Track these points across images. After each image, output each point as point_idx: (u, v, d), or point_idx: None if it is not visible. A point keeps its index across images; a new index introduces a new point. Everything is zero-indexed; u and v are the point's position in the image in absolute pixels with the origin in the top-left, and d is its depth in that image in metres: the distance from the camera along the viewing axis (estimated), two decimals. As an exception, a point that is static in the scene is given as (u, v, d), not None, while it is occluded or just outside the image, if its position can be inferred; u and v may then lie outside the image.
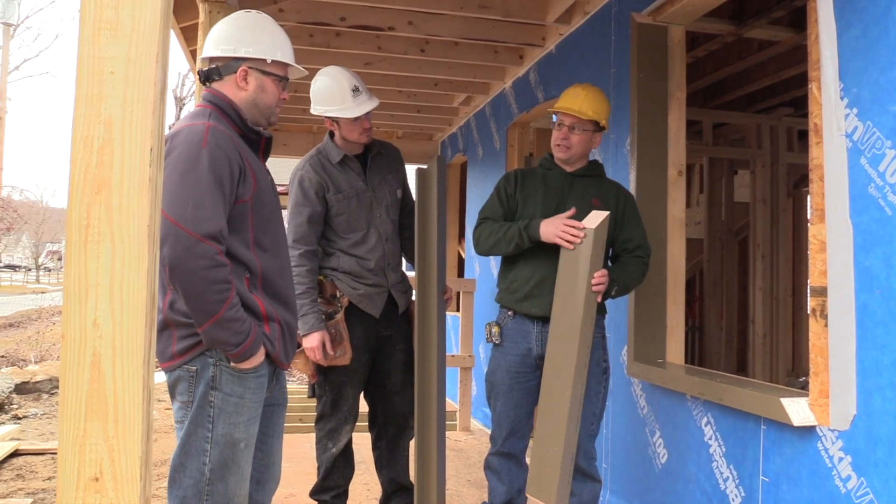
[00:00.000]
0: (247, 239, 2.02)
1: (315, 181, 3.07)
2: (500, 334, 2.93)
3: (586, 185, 2.95)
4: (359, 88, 3.09)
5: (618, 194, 2.96)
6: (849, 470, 2.17)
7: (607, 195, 2.93)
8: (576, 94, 2.91)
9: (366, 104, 3.08)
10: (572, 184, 2.94)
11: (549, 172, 2.99)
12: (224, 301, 1.87)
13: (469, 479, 4.29)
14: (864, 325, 2.14)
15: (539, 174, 3.01)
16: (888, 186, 2.07)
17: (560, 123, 2.91)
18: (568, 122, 2.88)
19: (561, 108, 2.88)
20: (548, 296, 2.78)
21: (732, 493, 2.71)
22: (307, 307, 2.98)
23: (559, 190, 2.93)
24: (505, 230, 2.87)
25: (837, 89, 2.24)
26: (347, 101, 3.06)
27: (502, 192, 3.01)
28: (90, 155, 1.32)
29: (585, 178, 2.96)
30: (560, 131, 2.91)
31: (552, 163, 3.00)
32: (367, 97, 3.11)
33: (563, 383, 2.65)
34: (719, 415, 2.81)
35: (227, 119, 2.07)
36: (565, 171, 2.96)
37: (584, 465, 2.84)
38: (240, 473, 1.98)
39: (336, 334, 3.04)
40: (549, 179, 2.98)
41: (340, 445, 3.15)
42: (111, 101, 1.33)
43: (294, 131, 7.47)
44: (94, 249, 1.31)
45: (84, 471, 1.29)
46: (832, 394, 2.23)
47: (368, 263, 3.12)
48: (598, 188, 2.95)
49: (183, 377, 1.96)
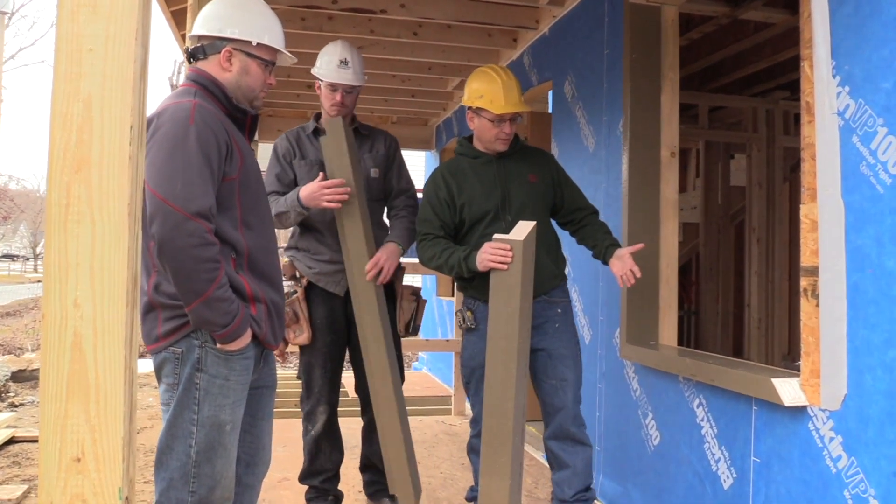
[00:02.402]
0: (234, 218, 2.00)
1: (284, 146, 3.25)
2: (475, 318, 2.91)
3: (517, 164, 2.96)
4: (348, 63, 3.14)
5: (547, 162, 3.04)
6: (839, 450, 2.17)
7: (539, 166, 2.99)
8: (509, 87, 2.85)
9: (340, 76, 3.13)
10: (504, 167, 2.94)
11: (476, 162, 2.95)
12: (213, 280, 1.86)
13: (463, 462, 4.30)
14: (855, 305, 2.13)
15: (466, 165, 2.96)
16: (880, 164, 2.05)
17: (501, 119, 2.85)
18: (509, 117, 2.86)
19: (513, 110, 2.83)
20: None
21: (724, 473, 2.71)
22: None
23: (494, 177, 2.92)
24: (446, 258, 2.83)
25: (829, 67, 2.22)
26: (330, 68, 3.14)
27: (434, 203, 2.91)
28: (69, 133, 1.31)
29: (511, 157, 2.97)
30: (502, 127, 2.87)
31: (474, 149, 2.97)
32: (350, 74, 3.14)
33: (504, 395, 2.56)
34: (711, 396, 2.80)
35: (212, 97, 2.05)
36: (492, 157, 2.94)
37: (575, 431, 2.85)
38: (226, 456, 1.98)
39: (291, 314, 3.08)
40: (479, 170, 2.94)
41: (318, 427, 3.18)
42: (90, 79, 1.32)
43: (288, 117, 7.42)
44: (74, 229, 1.30)
45: (66, 452, 1.28)
46: (823, 374, 2.23)
47: (326, 239, 3.13)
48: (529, 162, 2.98)
49: (168, 359, 1.95)
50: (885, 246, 2.03)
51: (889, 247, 2.02)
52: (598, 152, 3.82)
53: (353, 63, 3.15)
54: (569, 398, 2.85)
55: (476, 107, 2.89)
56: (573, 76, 4.17)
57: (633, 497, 3.32)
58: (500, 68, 2.93)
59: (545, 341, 2.88)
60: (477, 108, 2.89)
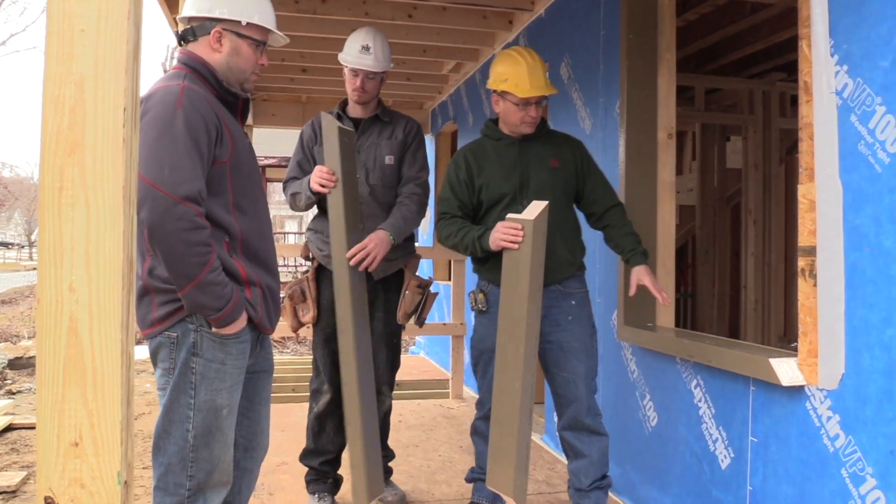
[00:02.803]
0: (226, 202, 1.99)
1: (308, 133, 3.28)
2: (486, 301, 2.92)
3: (541, 148, 2.92)
4: (369, 49, 3.16)
5: (572, 148, 2.97)
6: (837, 429, 2.18)
7: (563, 152, 2.94)
8: (534, 69, 2.81)
9: (359, 61, 3.15)
10: (527, 151, 2.91)
11: (499, 144, 2.94)
12: (204, 264, 1.85)
13: (461, 445, 4.31)
14: (853, 284, 2.13)
15: (489, 147, 2.95)
16: (878, 143, 2.04)
17: (527, 103, 2.82)
18: (535, 100, 2.83)
19: (538, 93, 2.80)
20: None
21: (721, 454, 2.72)
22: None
23: (515, 160, 2.89)
24: (462, 237, 2.86)
25: (827, 46, 2.21)
26: (352, 52, 3.17)
27: (454, 183, 2.93)
28: (62, 116, 1.29)
29: (536, 141, 2.93)
30: (527, 111, 2.83)
31: (498, 131, 2.95)
32: (371, 60, 3.15)
33: (512, 376, 2.61)
34: (708, 377, 2.81)
35: (202, 80, 2.03)
36: (515, 139, 2.92)
37: (590, 422, 2.86)
38: (224, 440, 1.98)
39: (299, 293, 3.14)
40: (501, 152, 2.92)
41: (321, 406, 3.22)
42: (82, 60, 1.30)
43: (282, 101, 7.38)
44: (68, 212, 1.28)
45: (64, 436, 1.27)
46: (821, 353, 2.23)
47: None
48: (553, 147, 2.93)
49: (164, 344, 1.94)
50: (884, 225, 2.03)
51: (887, 226, 2.01)
52: (595, 134, 3.80)
53: (376, 49, 3.16)
54: (581, 390, 2.85)
55: (501, 90, 2.86)
56: (569, 58, 4.14)
57: (631, 478, 3.33)
58: (526, 50, 2.88)
59: (557, 333, 2.87)
60: (502, 92, 2.86)
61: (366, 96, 3.19)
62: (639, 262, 2.87)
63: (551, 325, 2.87)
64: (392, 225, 3.05)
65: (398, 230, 3.05)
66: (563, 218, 2.91)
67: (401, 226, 3.07)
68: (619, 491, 3.32)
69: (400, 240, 3.06)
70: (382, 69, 3.18)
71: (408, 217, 3.11)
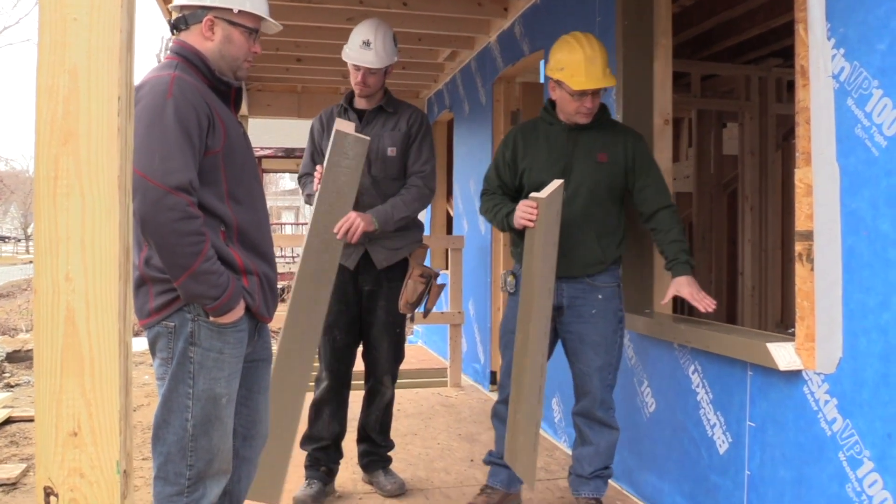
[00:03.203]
0: (220, 192, 1.98)
1: (317, 127, 3.35)
2: (516, 283, 2.95)
3: (591, 140, 2.86)
4: (370, 44, 3.15)
5: (626, 143, 2.86)
6: (834, 412, 2.19)
7: (614, 147, 2.85)
8: (592, 60, 2.73)
9: (358, 57, 3.15)
10: (577, 140, 2.86)
11: (551, 128, 2.91)
12: (198, 254, 1.84)
13: (459, 433, 4.32)
14: (850, 268, 2.13)
15: (541, 130, 2.93)
16: (875, 127, 2.04)
17: (583, 93, 2.76)
18: (591, 92, 2.76)
19: (593, 86, 2.73)
20: (567, 255, 2.80)
21: (720, 439, 2.73)
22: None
23: (562, 149, 2.86)
24: (495, 213, 2.94)
25: (824, 29, 2.20)
26: (353, 47, 3.18)
27: (500, 161, 2.99)
28: (56, 105, 1.29)
29: (590, 131, 2.87)
30: (583, 101, 2.77)
31: (553, 115, 2.91)
32: (370, 56, 3.14)
33: (521, 353, 2.74)
34: (706, 362, 2.82)
35: (195, 69, 2.02)
36: (568, 127, 2.87)
37: (601, 415, 2.87)
38: (223, 429, 1.98)
39: None
40: (551, 137, 2.89)
41: (319, 392, 3.25)
42: (75, 49, 1.29)
43: (278, 91, 7.36)
44: (63, 202, 1.28)
45: (62, 426, 1.27)
46: (818, 337, 2.24)
47: None
48: (605, 140, 2.86)
49: (162, 333, 1.94)
50: (880, 209, 2.03)
51: (884, 209, 2.01)
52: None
53: (376, 44, 3.14)
54: (594, 384, 2.86)
55: (556, 79, 2.81)
56: (565, 45, 4.12)
57: (629, 464, 3.34)
58: (585, 37, 2.79)
59: (579, 325, 2.88)
60: (557, 80, 2.81)
61: (368, 90, 3.20)
62: (680, 272, 2.78)
63: (574, 317, 2.88)
64: (378, 210, 3.06)
65: (383, 216, 3.06)
66: (601, 213, 2.86)
67: (388, 213, 3.08)
68: (617, 477, 3.34)
69: (385, 227, 3.06)
70: (383, 65, 3.16)
71: (397, 206, 3.11)
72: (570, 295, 2.87)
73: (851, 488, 2.11)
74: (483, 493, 3.07)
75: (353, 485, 3.41)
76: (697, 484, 2.86)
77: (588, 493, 2.92)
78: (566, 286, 2.85)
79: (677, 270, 2.80)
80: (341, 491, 3.32)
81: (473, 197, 5.97)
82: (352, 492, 3.33)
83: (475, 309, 5.92)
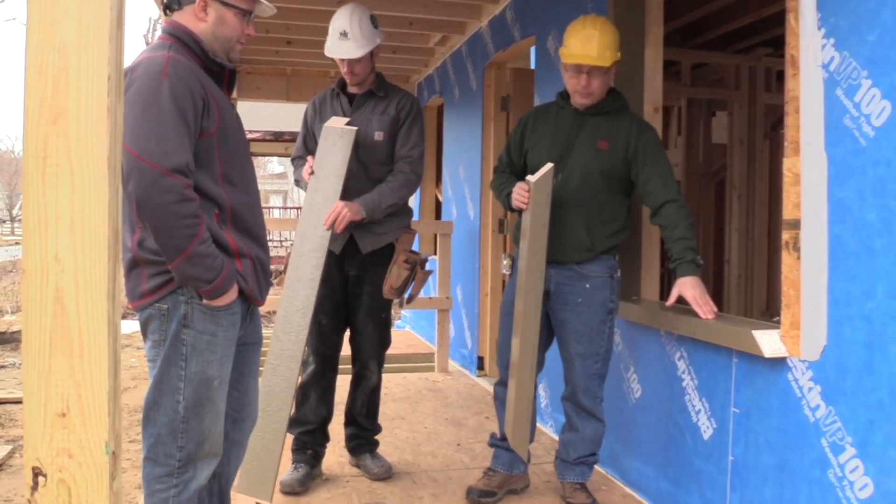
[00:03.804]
0: (215, 174, 1.97)
1: (309, 112, 3.37)
2: (512, 266, 3.00)
3: (596, 126, 2.85)
4: (347, 34, 3.11)
5: (630, 133, 2.82)
6: (818, 399, 2.21)
7: (617, 135, 2.83)
8: (589, 38, 2.74)
9: (338, 50, 3.14)
10: (582, 125, 2.86)
11: (562, 112, 2.92)
12: (194, 236, 1.84)
13: (446, 417, 4.34)
14: (835, 257, 2.15)
15: (553, 113, 2.95)
16: (863, 117, 2.05)
17: (578, 70, 2.78)
18: (587, 69, 2.77)
19: (580, 61, 2.74)
20: (556, 239, 2.82)
21: (704, 424, 2.76)
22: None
23: (567, 133, 2.87)
24: (499, 192, 3.01)
25: (815, 19, 2.21)
26: (332, 40, 3.17)
27: (511, 141, 3.04)
28: (45, 83, 1.28)
29: (597, 117, 2.86)
30: (579, 79, 2.78)
31: (566, 100, 2.92)
32: (351, 45, 3.12)
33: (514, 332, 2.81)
34: (692, 349, 2.84)
35: (188, 51, 2.00)
36: (575, 110, 2.88)
37: (586, 403, 2.90)
38: (214, 411, 1.98)
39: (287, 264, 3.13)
40: (559, 120, 2.91)
41: (306, 376, 3.26)
42: (65, 27, 1.28)
43: (268, 74, 7.30)
44: (52, 181, 1.27)
45: (51, 406, 1.27)
46: (803, 325, 2.26)
47: None
48: (610, 127, 2.84)
49: (154, 316, 1.93)
50: (867, 198, 2.05)
51: (870, 199, 2.03)
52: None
53: (353, 32, 3.10)
54: (577, 371, 2.88)
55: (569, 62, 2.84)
56: (556, 31, 4.12)
57: (615, 449, 3.37)
58: (594, 18, 2.83)
59: (564, 312, 2.89)
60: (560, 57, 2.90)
61: (357, 79, 3.20)
62: (685, 272, 2.70)
63: (560, 303, 2.89)
64: (366, 199, 3.06)
65: (371, 205, 3.06)
66: (593, 200, 2.84)
67: (376, 201, 3.08)
68: (602, 462, 3.36)
69: (373, 215, 3.06)
70: (364, 52, 3.13)
71: (384, 193, 3.11)
72: (558, 281, 2.88)
73: (833, 474, 2.14)
74: (485, 475, 3.09)
75: (340, 468, 3.42)
76: (682, 469, 2.89)
77: (573, 478, 2.95)
78: (554, 272, 2.87)
79: (682, 270, 2.71)
80: (328, 474, 3.33)
81: (463, 182, 5.96)
82: (339, 475, 3.34)
83: (463, 294, 5.94)
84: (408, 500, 3.07)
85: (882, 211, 2.00)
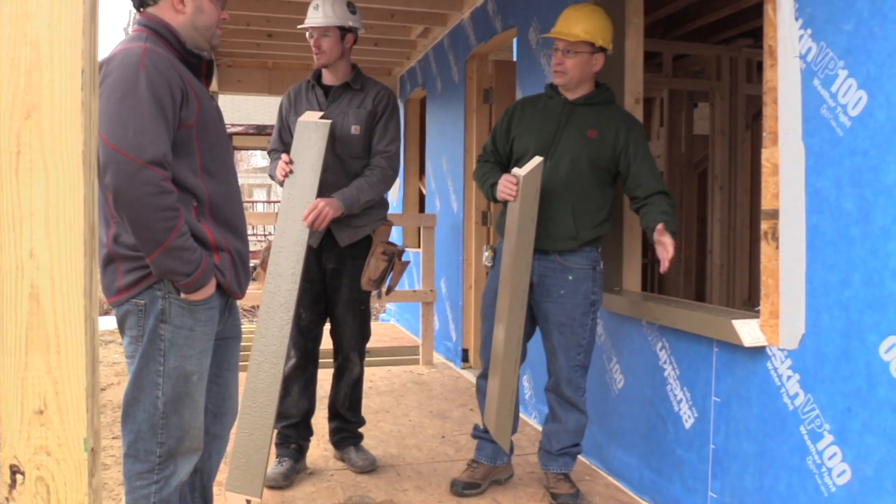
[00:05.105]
0: (194, 165, 1.96)
1: (284, 105, 3.33)
2: (493, 258, 3.01)
3: (585, 115, 2.87)
4: (318, 7, 3.12)
5: (618, 126, 2.85)
6: (797, 387, 2.24)
7: (607, 126, 2.85)
8: (568, 17, 2.84)
9: (307, 20, 3.14)
10: (570, 114, 2.88)
11: (551, 101, 2.94)
12: (172, 229, 1.82)
13: (431, 410, 4.35)
14: (813, 246, 2.17)
15: (541, 102, 2.97)
16: (840, 107, 2.07)
17: (555, 48, 2.85)
18: (561, 46, 2.82)
19: (552, 34, 2.82)
20: (541, 226, 2.82)
21: (686, 413, 2.78)
22: None
23: (556, 121, 2.88)
24: (483, 181, 2.98)
25: (792, 9, 2.23)
26: (309, 13, 3.16)
27: (498, 128, 3.03)
28: (18, 77, 1.26)
29: (586, 107, 2.88)
30: (555, 56, 2.85)
31: (555, 90, 2.94)
32: (320, 15, 3.11)
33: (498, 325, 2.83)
34: (674, 339, 2.86)
35: (165, 42, 1.98)
36: (565, 99, 2.90)
37: (569, 394, 2.92)
38: (193, 406, 1.97)
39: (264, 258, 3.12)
40: (548, 109, 2.92)
41: (286, 369, 3.15)
42: (37, 20, 1.27)
43: (249, 67, 7.26)
44: (26, 177, 1.26)
45: (28, 404, 1.26)
46: (782, 314, 2.28)
47: None
48: (599, 118, 2.86)
49: (132, 311, 1.92)
50: (844, 188, 2.06)
51: (847, 189, 2.05)
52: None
53: (325, 6, 3.11)
54: (559, 362, 2.90)
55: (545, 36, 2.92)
56: (538, 23, 4.12)
57: (598, 439, 3.40)
58: (587, 5, 2.93)
59: (547, 304, 2.90)
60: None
61: (323, 57, 3.15)
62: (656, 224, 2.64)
63: (543, 295, 2.90)
64: (344, 194, 3.05)
65: (349, 200, 3.05)
66: (581, 188, 2.85)
67: (354, 195, 3.07)
68: (585, 452, 3.38)
69: (351, 210, 3.05)
70: (331, 24, 3.10)
71: (363, 188, 3.10)
72: (540, 273, 2.89)
73: (812, 461, 2.17)
74: (469, 467, 3.10)
75: (324, 462, 3.42)
76: (664, 458, 2.91)
77: (556, 468, 2.97)
78: (537, 263, 2.87)
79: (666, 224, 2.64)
80: (313, 468, 3.33)
81: (446, 175, 5.96)
82: (323, 468, 3.35)
83: (447, 287, 5.94)
84: (392, 493, 3.07)
85: (859, 200, 2.02)
